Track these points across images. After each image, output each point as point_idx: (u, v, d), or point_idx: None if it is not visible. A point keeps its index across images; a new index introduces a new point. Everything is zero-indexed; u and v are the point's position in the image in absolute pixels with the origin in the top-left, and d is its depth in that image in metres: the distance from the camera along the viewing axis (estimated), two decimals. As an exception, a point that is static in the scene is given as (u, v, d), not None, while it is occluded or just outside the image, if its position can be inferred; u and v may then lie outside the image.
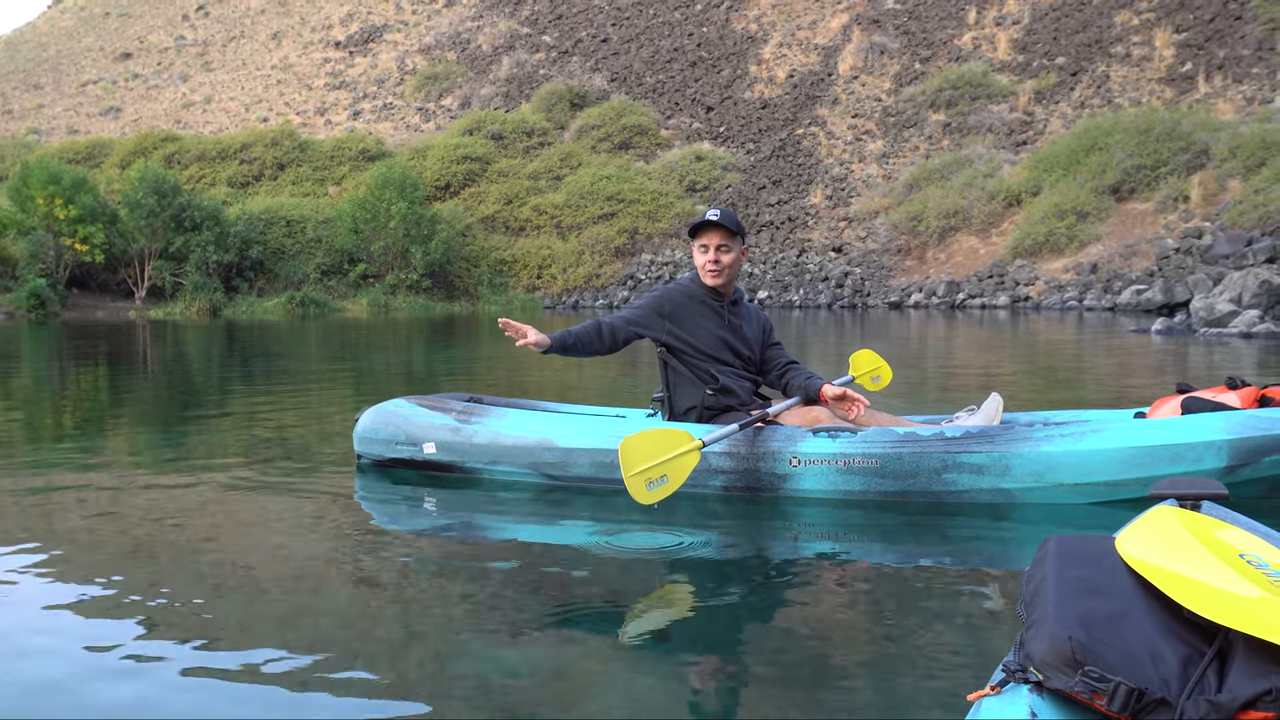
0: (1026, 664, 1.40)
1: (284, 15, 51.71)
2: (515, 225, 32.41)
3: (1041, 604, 1.50)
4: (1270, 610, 1.34)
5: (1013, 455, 3.39)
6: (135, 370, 10.48)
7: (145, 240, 28.45)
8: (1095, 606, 1.45)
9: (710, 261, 3.83)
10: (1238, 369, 8.67)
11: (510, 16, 46.34)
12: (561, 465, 3.85)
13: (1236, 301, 13.36)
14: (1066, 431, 3.42)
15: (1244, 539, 1.60)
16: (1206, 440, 3.29)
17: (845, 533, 3.30)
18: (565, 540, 3.28)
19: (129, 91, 45.85)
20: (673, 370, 3.90)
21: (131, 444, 5.33)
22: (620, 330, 3.84)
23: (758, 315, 4.10)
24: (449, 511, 3.69)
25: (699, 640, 2.35)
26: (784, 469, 3.56)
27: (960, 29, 37.23)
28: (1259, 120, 24.88)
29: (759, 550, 3.13)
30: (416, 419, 4.13)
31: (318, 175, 34.51)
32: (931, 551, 3.05)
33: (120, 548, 3.16)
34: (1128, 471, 3.33)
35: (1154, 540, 1.61)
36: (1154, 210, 24.55)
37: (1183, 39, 31.44)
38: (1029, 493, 3.42)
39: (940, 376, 8.84)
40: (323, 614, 2.54)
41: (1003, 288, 24.93)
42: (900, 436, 3.51)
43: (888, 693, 1.98)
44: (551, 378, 9.09)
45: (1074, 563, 1.60)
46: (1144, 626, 1.41)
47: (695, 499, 3.61)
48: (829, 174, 33.03)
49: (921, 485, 3.47)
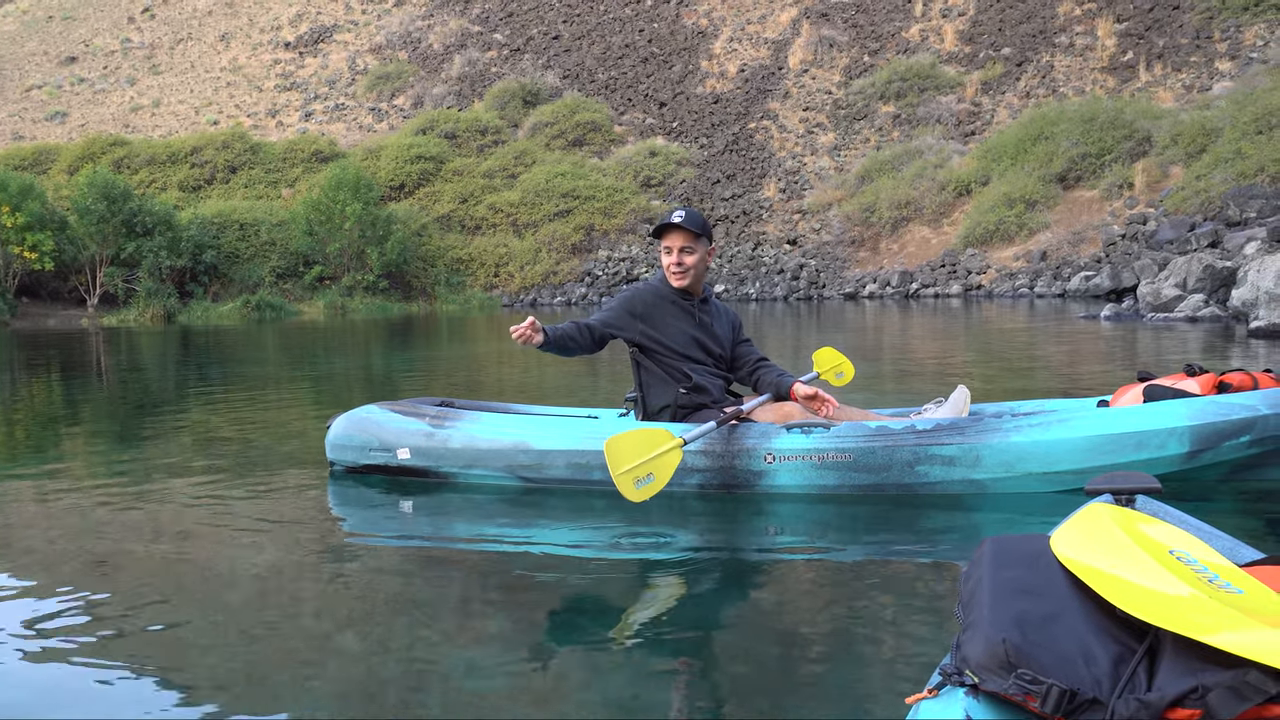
0: (962, 667, 1.42)
1: (232, 16, 51.07)
2: (471, 224, 32.31)
3: (977, 606, 1.52)
4: (1197, 609, 1.37)
5: (983, 446, 3.48)
6: (90, 379, 10.40)
7: (96, 247, 28.03)
8: (1029, 608, 1.47)
9: (674, 264, 3.87)
10: (1185, 353, 8.92)
11: (461, 15, 46.11)
12: (537, 467, 3.88)
13: (1182, 286, 13.69)
14: (1034, 421, 3.52)
15: (1175, 535, 1.64)
16: (1169, 427, 3.40)
17: (820, 528, 3.37)
18: (542, 542, 3.32)
19: (75, 96, 45.09)
20: (645, 370, 3.93)
21: (91, 456, 5.32)
22: (597, 330, 3.87)
23: (727, 313, 4.15)
24: (424, 516, 3.72)
25: (674, 641, 2.40)
26: (759, 465, 3.62)
27: (907, 21, 37.60)
28: (1198, 108, 25.39)
29: (736, 548, 3.20)
30: (390, 425, 4.15)
31: (270, 178, 34.17)
32: (902, 545, 3.12)
33: (84, 561, 3.12)
34: (1094, 459, 3.43)
35: (1087, 538, 1.64)
36: (1100, 197, 25.00)
37: (1123, 28, 31.99)
38: (999, 483, 3.51)
39: (899, 368, 9.02)
40: (295, 622, 2.59)
41: (955, 277, 25.27)
42: (873, 431, 3.58)
43: (850, 691, 2.04)
44: (513, 378, 9.15)
45: (1009, 563, 1.62)
46: (1077, 626, 1.44)
47: (672, 498, 3.66)
48: (782, 167, 33.26)
49: (894, 478, 3.54)
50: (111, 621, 2.56)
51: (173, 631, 2.50)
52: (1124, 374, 7.46)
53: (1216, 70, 28.55)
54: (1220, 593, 1.43)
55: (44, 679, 2.22)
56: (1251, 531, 3.15)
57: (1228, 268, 13.44)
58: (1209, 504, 3.39)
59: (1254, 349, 8.98)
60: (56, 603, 2.72)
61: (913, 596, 2.63)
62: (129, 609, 2.66)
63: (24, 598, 2.78)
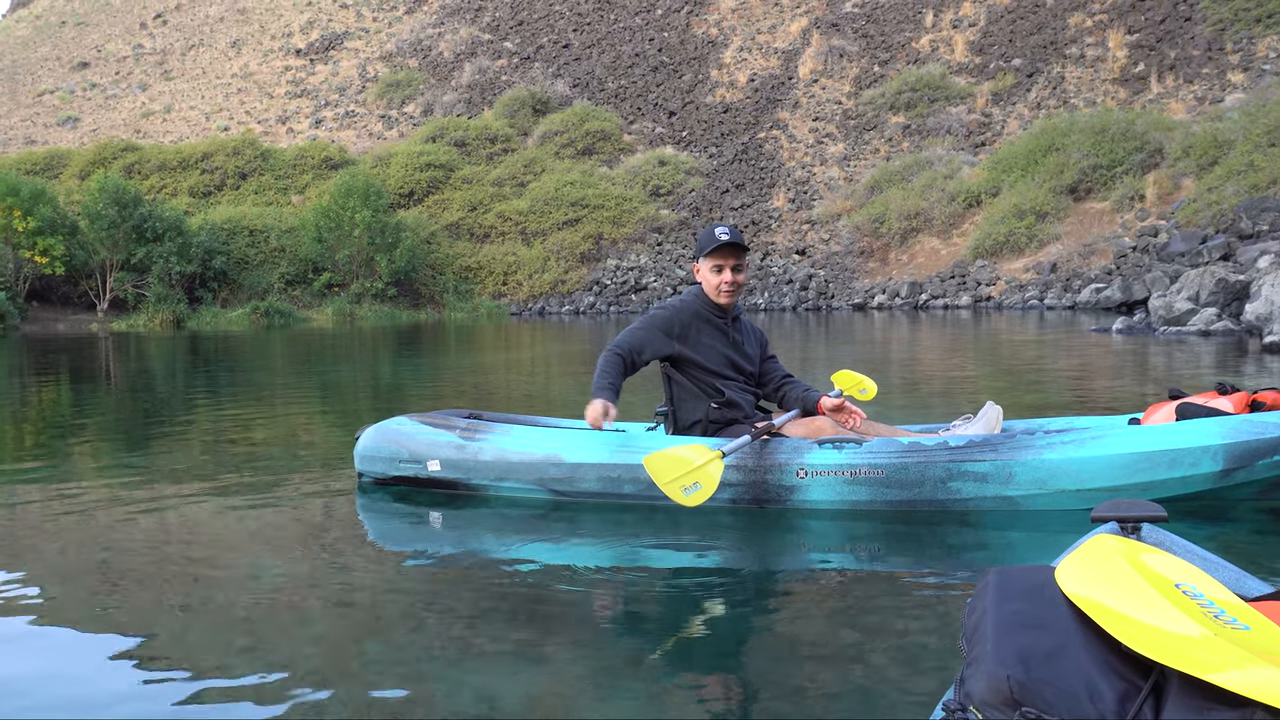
0: (966, 703, 1.40)
1: (243, 23, 51.31)
2: (480, 232, 32.37)
3: (980, 640, 1.50)
4: (1203, 647, 1.35)
5: (1016, 463, 3.46)
6: (99, 385, 10.40)
7: (106, 252, 28.17)
8: (1033, 642, 1.45)
9: (726, 282, 3.91)
10: (1199, 369, 8.86)
11: (472, 23, 46.27)
12: (569, 480, 3.87)
13: (1194, 299, 13.62)
14: (1067, 439, 3.49)
15: (1181, 568, 1.62)
16: (1203, 445, 3.38)
17: (851, 544, 3.34)
18: (572, 556, 3.30)
19: (87, 101, 45.31)
20: (677, 384, 3.95)
21: (102, 462, 5.30)
22: (637, 357, 3.91)
23: (755, 330, 4.21)
24: (454, 529, 3.70)
25: (700, 657, 2.39)
26: (791, 480, 3.61)
27: (918, 32, 37.61)
28: (1209, 120, 25.35)
29: (767, 564, 3.18)
30: (420, 436, 4.14)
31: (280, 184, 34.29)
32: (933, 563, 3.09)
33: (114, 572, 3.11)
34: (1128, 477, 3.41)
35: (1092, 571, 1.63)
36: (1111, 209, 24.94)
37: (1135, 40, 31.95)
38: (1032, 500, 3.48)
39: (911, 382, 8.96)
40: (327, 631, 2.57)
41: (965, 288, 25.22)
42: (905, 446, 3.56)
43: (873, 712, 2.02)
44: (520, 387, 9.13)
45: (1013, 595, 1.61)
46: (1081, 661, 1.42)
47: (704, 512, 3.65)
48: (791, 177, 33.26)
49: (927, 494, 3.52)
50: (125, 629, 2.55)
51: (196, 640, 2.47)
52: (1141, 390, 7.41)
53: (1228, 82, 28.49)
54: (1226, 629, 1.41)
55: (52, 688, 2.21)
56: (1274, 552, 3.12)
57: (1241, 281, 13.37)
58: (1232, 525, 3.35)
59: (1268, 364, 8.91)
60: (72, 613, 2.71)
61: (942, 618, 2.60)
62: (145, 618, 2.65)
63: (35, 607, 2.77)
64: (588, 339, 17.38)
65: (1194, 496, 3.45)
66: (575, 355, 13.68)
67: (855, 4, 40.37)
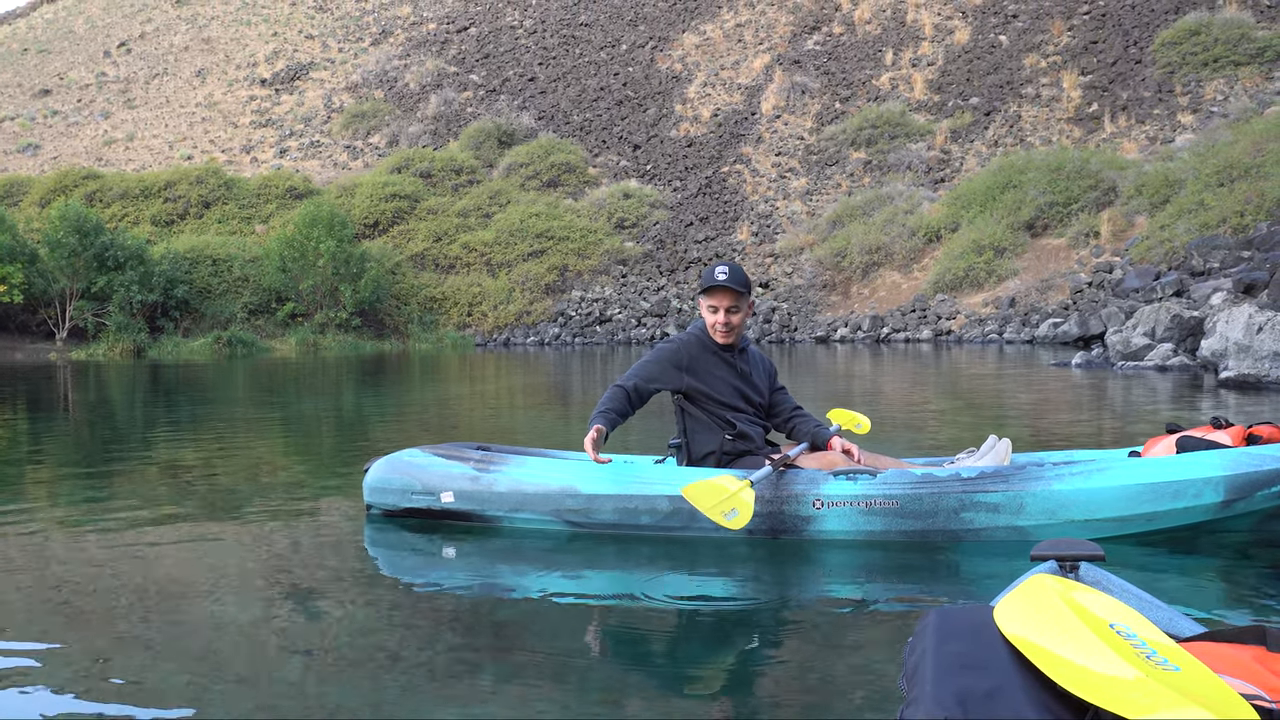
0: None
1: (208, 52, 51.15)
2: (445, 263, 32.34)
3: (920, 680, 1.54)
4: (1134, 688, 1.41)
5: (1026, 494, 3.58)
6: (56, 415, 10.30)
7: (66, 280, 27.85)
8: (972, 683, 1.49)
9: (720, 323, 3.98)
10: (1156, 403, 9.08)
11: (438, 55, 46.43)
12: (585, 512, 3.91)
13: (1150, 335, 13.91)
14: (1076, 470, 3.63)
15: (1115, 609, 1.69)
16: (1205, 477, 3.52)
17: (866, 573, 3.45)
18: (588, 586, 3.36)
19: (48, 129, 44.89)
20: (690, 417, 4.03)
21: (74, 494, 5.26)
22: (643, 391, 3.98)
23: (764, 361, 4.27)
24: (468, 561, 3.72)
25: (724, 690, 2.44)
26: (807, 511, 3.69)
27: (878, 70, 38.22)
28: (1161, 159, 25.93)
29: (784, 594, 3.26)
30: (433, 468, 4.16)
31: (244, 213, 34.09)
32: (945, 592, 3.22)
33: (72, 609, 3.10)
34: (1134, 507, 3.55)
35: (1030, 611, 1.68)
36: (1067, 245, 25.41)
37: (1088, 81, 32.68)
38: (1042, 530, 3.58)
39: (884, 418, 9.07)
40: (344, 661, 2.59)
41: (925, 322, 25.53)
42: (919, 478, 3.67)
43: None
44: (485, 421, 9.15)
45: (953, 636, 1.65)
46: (1018, 701, 1.46)
47: (719, 543, 3.73)
48: (754, 211, 33.58)
49: (940, 524, 3.63)
50: (86, 670, 2.51)
51: (159, 679, 2.48)
52: (1109, 424, 7.60)
53: (1178, 123, 29.20)
54: (1157, 670, 1.47)
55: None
56: (1241, 582, 3.25)
57: (1195, 317, 13.68)
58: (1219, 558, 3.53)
59: (1224, 399, 9.14)
60: (23, 651, 2.66)
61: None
62: (106, 655, 2.62)
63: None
64: (553, 370, 17.42)
65: (1195, 526, 3.62)
66: (540, 387, 13.71)
67: (817, 42, 40.99)
